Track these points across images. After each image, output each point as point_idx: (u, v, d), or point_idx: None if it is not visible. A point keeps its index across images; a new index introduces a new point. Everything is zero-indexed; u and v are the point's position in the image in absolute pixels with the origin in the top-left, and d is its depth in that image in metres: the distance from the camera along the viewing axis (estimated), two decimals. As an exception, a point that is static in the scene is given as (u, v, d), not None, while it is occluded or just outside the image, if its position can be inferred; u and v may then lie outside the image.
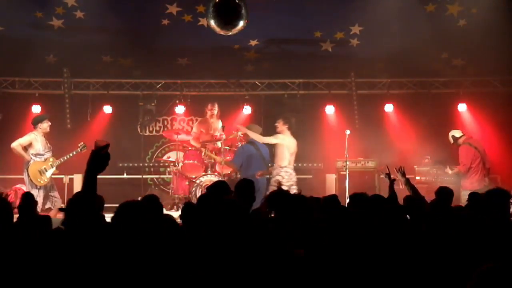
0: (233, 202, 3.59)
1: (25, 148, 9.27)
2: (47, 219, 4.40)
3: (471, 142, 9.66)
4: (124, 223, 3.08)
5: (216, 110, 10.49)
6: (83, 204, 3.08)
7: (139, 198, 5.91)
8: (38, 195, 8.91)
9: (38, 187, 9.13)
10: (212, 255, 3.18)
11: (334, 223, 3.86)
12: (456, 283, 3.00)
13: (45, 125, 9.39)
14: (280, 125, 8.90)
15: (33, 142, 9.28)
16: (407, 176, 6.27)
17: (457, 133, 9.81)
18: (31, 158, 9.24)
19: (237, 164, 9.24)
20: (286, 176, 8.69)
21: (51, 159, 9.39)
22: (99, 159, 3.00)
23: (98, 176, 3.10)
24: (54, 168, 9.40)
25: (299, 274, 3.06)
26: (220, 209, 3.46)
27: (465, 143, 9.63)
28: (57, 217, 6.58)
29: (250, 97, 11.52)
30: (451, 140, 9.83)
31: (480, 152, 9.61)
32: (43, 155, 9.33)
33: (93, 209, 3.13)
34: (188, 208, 4.51)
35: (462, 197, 9.06)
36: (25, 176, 9.29)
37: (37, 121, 9.44)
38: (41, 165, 9.27)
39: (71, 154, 9.48)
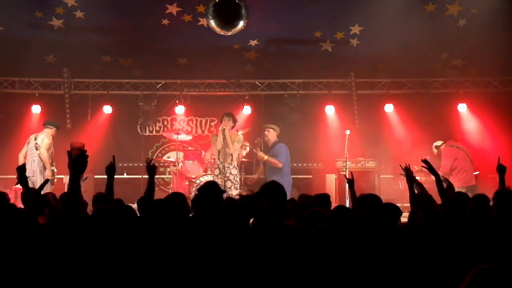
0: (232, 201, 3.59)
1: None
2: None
3: (452, 144, 9.91)
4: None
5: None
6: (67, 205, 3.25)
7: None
8: None
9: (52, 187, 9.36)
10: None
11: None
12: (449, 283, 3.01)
13: (54, 133, 9.84)
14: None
15: (51, 145, 9.73)
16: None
17: (438, 142, 10.15)
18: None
19: (282, 162, 9.45)
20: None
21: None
22: (76, 162, 3.16)
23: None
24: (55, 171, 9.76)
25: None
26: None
27: (447, 146, 9.85)
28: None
29: (250, 97, 11.52)
30: (435, 151, 10.06)
31: (464, 151, 9.73)
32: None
33: (77, 209, 3.29)
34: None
35: None
36: (45, 175, 9.46)
37: (55, 125, 9.90)
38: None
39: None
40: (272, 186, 4.01)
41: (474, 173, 9.67)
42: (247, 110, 11.37)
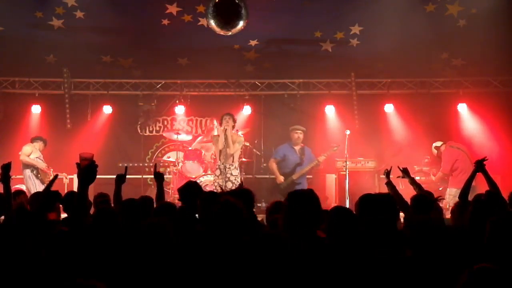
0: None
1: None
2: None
3: (452, 144, 9.94)
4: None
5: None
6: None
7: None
8: None
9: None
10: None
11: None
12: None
13: (42, 147, 10.08)
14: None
15: (34, 150, 9.90)
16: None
17: (437, 143, 10.18)
18: (37, 160, 9.87)
19: None
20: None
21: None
22: (85, 173, 3.21)
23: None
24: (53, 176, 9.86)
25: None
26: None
27: (447, 147, 9.88)
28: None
29: (250, 97, 11.52)
30: (435, 152, 10.09)
31: (464, 151, 9.74)
32: (43, 161, 9.96)
33: (84, 216, 3.44)
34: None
35: (447, 196, 9.17)
36: (32, 175, 9.76)
37: (42, 140, 10.10)
38: (48, 168, 9.94)
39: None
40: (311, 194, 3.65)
41: None
42: (247, 110, 11.38)
